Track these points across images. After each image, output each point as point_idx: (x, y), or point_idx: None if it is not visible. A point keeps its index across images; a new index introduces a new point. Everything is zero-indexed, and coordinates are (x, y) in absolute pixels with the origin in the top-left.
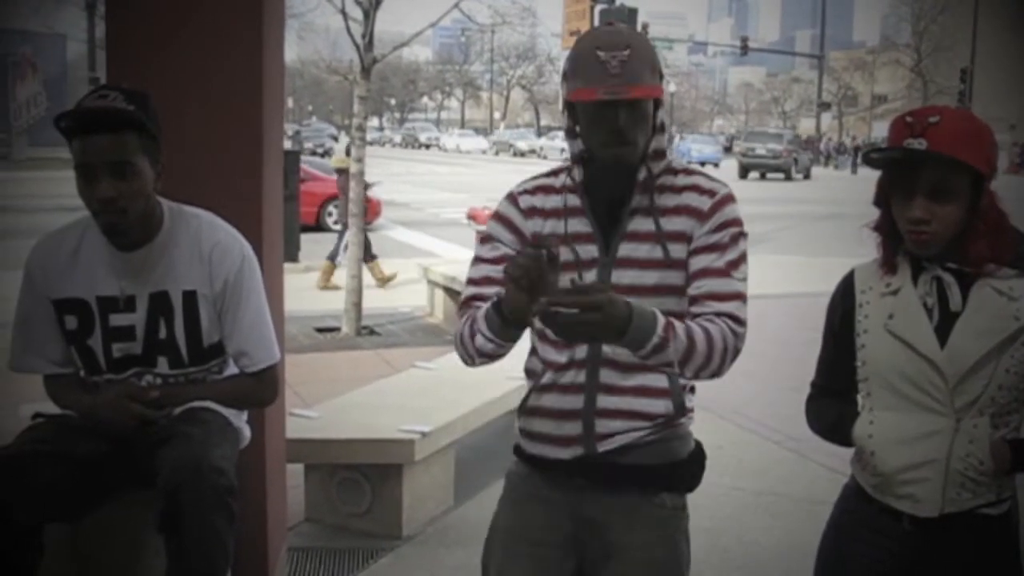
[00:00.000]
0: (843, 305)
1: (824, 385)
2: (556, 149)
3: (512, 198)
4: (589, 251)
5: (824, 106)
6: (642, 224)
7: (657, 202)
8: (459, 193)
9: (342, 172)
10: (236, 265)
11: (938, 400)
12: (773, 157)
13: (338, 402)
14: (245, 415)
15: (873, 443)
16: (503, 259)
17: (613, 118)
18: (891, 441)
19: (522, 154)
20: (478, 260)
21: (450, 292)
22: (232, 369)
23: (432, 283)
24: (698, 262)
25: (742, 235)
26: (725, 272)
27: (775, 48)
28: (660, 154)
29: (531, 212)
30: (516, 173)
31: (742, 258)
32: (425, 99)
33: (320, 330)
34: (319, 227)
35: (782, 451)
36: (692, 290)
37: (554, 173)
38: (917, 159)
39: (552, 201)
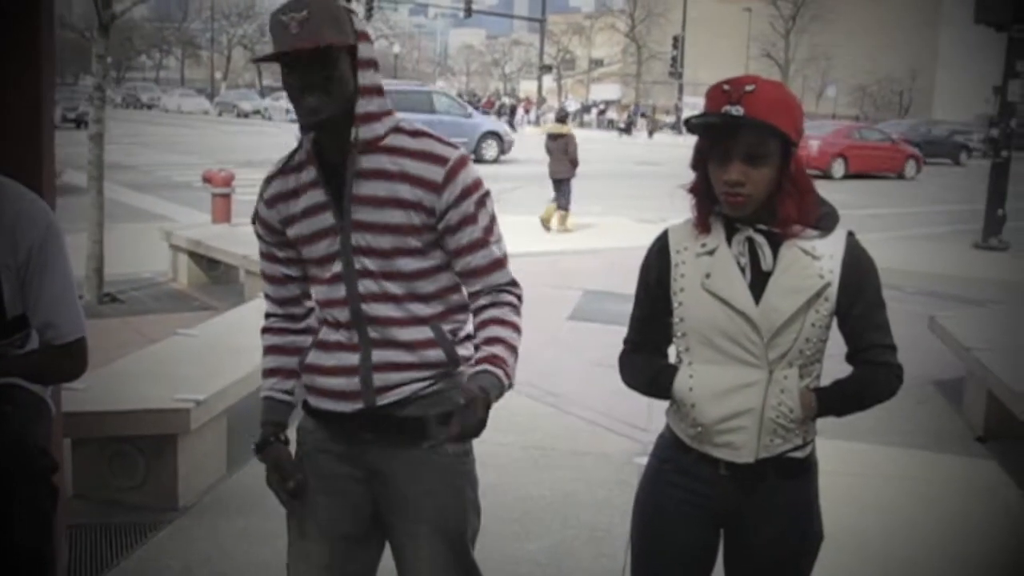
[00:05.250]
0: (659, 265)
1: (638, 341)
2: (281, 110)
3: (263, 186)
4: (326, 220)
5: (545, 69)
6: (371, 188)
7: (388, 166)
8: (188, 155)
9: (557, 137)
10: (41, 234)
11: (753, 354)
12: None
13: (103, 372)
14: (50, 390)
15: (693, 396)
16: (273, 257)
17: (298, 74)
18: (710, 393)
19: (246, 115)
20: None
21: (195, 257)
22: (33, 343)
23: (175, 248)
24: (456, 239)
25: (486, 196)
26: (484, 242)
27: (496, 11)
28: (372, 116)
29: (274, 200)
30: (243, 135)
31: (493, 220)
32: (143, 58)
33: None
34: None
35: (542, 406)
36: (459, 267)
37: (295, 151)
38: (735, 125)
39: (291, 181)
